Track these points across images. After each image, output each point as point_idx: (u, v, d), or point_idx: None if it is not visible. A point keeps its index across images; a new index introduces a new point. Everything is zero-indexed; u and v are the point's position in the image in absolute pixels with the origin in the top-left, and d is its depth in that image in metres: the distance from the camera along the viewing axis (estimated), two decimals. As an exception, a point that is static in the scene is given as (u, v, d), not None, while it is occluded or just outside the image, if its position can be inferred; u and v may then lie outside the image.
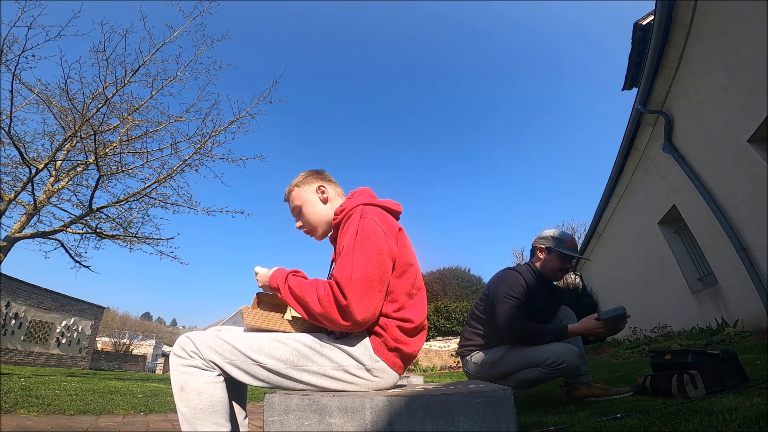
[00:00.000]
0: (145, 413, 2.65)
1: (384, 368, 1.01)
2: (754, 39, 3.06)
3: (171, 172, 6.15)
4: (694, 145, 4.31)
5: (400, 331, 1.02)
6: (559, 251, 1.90)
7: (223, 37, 6.22)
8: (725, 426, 0.94)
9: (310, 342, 0.99)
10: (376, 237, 0.99)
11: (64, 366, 14.51)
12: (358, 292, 0.91)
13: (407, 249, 1.11)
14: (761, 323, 3.68)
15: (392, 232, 1.06)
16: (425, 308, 1.13)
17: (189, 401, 0.87)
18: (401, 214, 1.25)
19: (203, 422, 0.87)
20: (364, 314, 0.92)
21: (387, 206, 1.18)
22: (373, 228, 1.01)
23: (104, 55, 5.28)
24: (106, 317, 34.24)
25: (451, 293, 17.36)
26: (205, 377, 0.90)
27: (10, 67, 4.52)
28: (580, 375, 1.86)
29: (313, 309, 0.95)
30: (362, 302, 0.92)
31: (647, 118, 5.07)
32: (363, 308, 0.92)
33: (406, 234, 1.20)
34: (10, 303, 12.41)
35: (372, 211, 1.07)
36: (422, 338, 1.12)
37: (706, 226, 4.49)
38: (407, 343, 1.04)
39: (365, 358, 0.99)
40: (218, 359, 0.91)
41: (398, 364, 1.04)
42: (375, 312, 0.96)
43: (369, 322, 0.95)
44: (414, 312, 1.06)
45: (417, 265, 1.14)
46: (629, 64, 5.65)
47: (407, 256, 1.09)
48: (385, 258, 0.98)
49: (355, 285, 0.91)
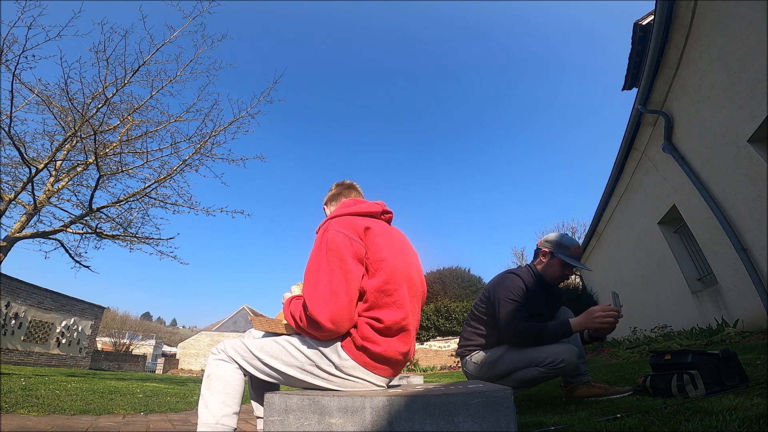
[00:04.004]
0: (145, 413, 2.65)
1: (354, 366, 1.05)
2: (753, 39, 3.06)
3: (171, 172, 6.15)
4: (694, 145, 4.31)
5: (370, 329, 1.04)
6: (562, 258, 1.88)
7: (223, 37, 6.20)
8: (725, 426, 0.94)
9: (294, 341, 1.11)
10: (336, 243, 1.06)
11: (64, 366, 14.51)
12: (322, 301, 1.00)
13: (379, 245, 1.11)
14: (761, 323, 3.68)
15: (356, 234, 1.10)
16: (404, 308, 1.09)
17: (210, 384, 1.08)
18: (383, 212, 1.30)
19: (215, 400, 1.05)
20: (332, 319, 1.00)
21: (359, 211, 1.23)
22: (333, 237, 1.08)
23: (104, 55, 5.27)
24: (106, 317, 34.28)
25: (451, 293, 17.38)
26: (225, 367, 1.10)
27: (10, 67, 4.51)
28: (580, 375, 1.86)
29: (299, 325, 1.07)
30: (327, 309, 1.00)
31: (647, 118, 5.07)
32: (328, 314, 0.99)
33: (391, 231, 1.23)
34: (10, 303, 12.41)
35: (336, 222, 1.14)
36: (402, 341, 1.09)
37: (706, 226, 4.49)
38: (376, 342, 1.04)
39: (334, 356, 1.05)
40: (236, 355, 1.11)
41: (369, 363, 1.05)
42: (344, 315, 1.02)
43: (342, 324, 1.02)
44: (387, 312, 1.06)
45: (395, 261, 1.11)
46: (629, 64, 5.66)
47: (378, 252, 1.09)
48: (347, 260, 1.04)
49: (319, 295, 1.01)
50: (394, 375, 1.13)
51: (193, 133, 6.17)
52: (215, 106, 6.17)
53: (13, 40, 4.59)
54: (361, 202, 1.32)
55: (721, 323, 4.24)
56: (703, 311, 5.05)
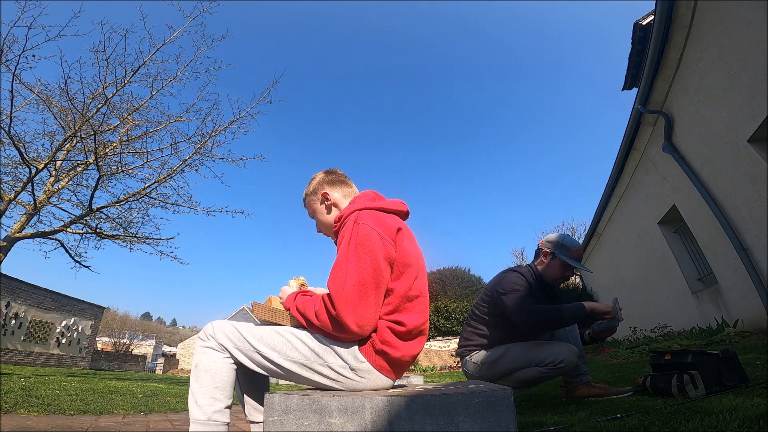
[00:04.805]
0: (145, 413, 2.65)
1: (369, 370, 1.01)
2: (753, 39, 3.06)
3: (171, 172, 6.15)
4: (694, 145, 4.31)
5: (390, 333, 1.01)
6: (563, 259, 1.89)
7: (223, 37, 6.20)
8: (725, 426, 0.94)
9: (303, 336, 1.04)
10: (370, 242, 0.99)
11: (64, 366, 14.51)
12: (350, 301, 0.94)
13: (406, 250, 1.08)
14: (761, 323, 3.68)
15: (389, 235, 1.04)
16: (425, 313, 1.09)
17: (198, 376, 1.01)
18: (407, 213, 1.23)
19: (204, 396, 0.99)
20: (358, 322, 0.94)
21: (388, 208, 1.17)
22: (367, 233, 1.01)
23: (104, 55, 5.27)
24: (106, 317, 34.26)
25: (451, 293, 17.38)
26: (214, 356, 1.02)
27: (10, 67, 4.52)
28: (580, 375, 1.86)
29: (313, 323, 1.01)
30: (356, 311, 0.94)
31: (647, 118, 5.07)
32: (357, 317, 0.94)
33: (412, 234, 1.18)
34: (10, 303, 12.41)
35: (367, 215, 1.07)
36: (418, 344, 1.09)
37: (706, 226, 4.49)
38: (396, 347, 1.01)
39: (350, 358, 1.00)
40: (228, 344, 1.03)
41: (385, 367, 1.02)
42: (371, 319, 0.97)
43: (367, 328, 0.97)
44: (410, 316, 1.04)
45: (418, 267, 1.10)
46: (629, 64, 5.65)
47: (406, 257, 1.06)
48: (380, 262, 0.98)
49: (348, 294, 0.94)
50: (400, 376, 1.12)
51: (193, 133, 6.18)
52: (215, 106, 6.18)
53: (13, 40, 4.59)
54: (383, 198, 1.24)
55: (721, 323, 4.24)
56: (703, 311, 5.05)
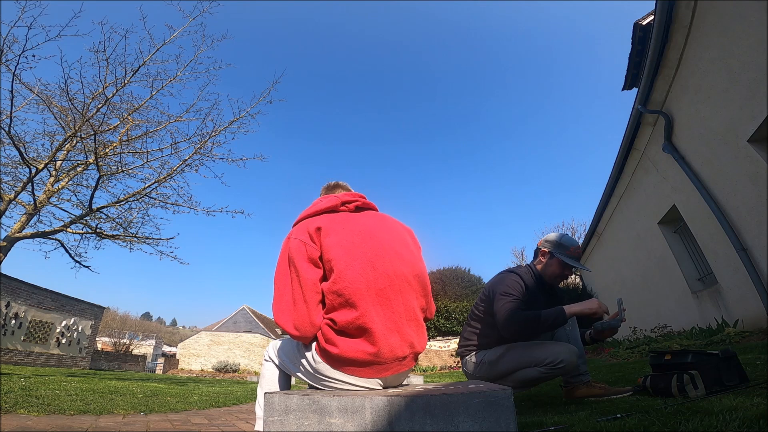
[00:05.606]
0: (145, 413, 2.65)
1: (326, 369, 1.07)
2: (754, 39, 3.06)
3: (171, 172, 6.15)
4: (694, 145, 4.30)
5: (330, 331, 1.05)
6: (561, 259, 1.89)
7: (223, 37, 6.22)
8: (725, 426, 0.94)
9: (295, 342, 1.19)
10: (291, 252, 1.12)
11: (64, 366, 14.50)
12: (284, 309, 1.08)
13: (328, 246, 1.09)
14: (761, 323, 3.68)
15: (309, 237, 1.13)
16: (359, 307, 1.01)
17: (261, 384, 1.26)
18: (344, 203, 1.26)
19: (261, 390, 1.21)
20: (294, 325, 1.07)
21: (316, 211, 1.25)
22: (289, 246, 1.14)
23: (104, 55, 5.28)
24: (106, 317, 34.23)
25: (451, 293, 17.37)
26: (268, 367, 1.27)
27: (10, 67, 4.52)
28: (580, 375, 1.86)
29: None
30: (289, 317, 1.07)
31: (647, 118, 5.07)
32: (291, 321, 1.07)
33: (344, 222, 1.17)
34: (10, 303, 12.40)
35: (294, 229, 1.20)
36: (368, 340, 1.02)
37: (706, 226, 4.49)
38: (335, 344, 1.03)
39: (310, 358, 1.11)
40: (273, 355, 1.27)
41: (335, 365, 1.05)
42: (305, 320, 1.06)
43: (305, 329, 1.07)
44: (340, 313, 1.03)
45: (347, 257, 1.06)
46: (629, 64, 5.66)
47: (327, 251, 1.08)
48: (303, 267, 1.09)
49: (281, 304, 1.10)
50: (380, 375, 1.06)
51: (193, 133, 6.19)
52: (215, 106, 6.19)
53: (13, 40, 4.59)
54: (323, 199, 1.29)
55: (721, 323, 4.24)
56: (703, 311, 5.05)
